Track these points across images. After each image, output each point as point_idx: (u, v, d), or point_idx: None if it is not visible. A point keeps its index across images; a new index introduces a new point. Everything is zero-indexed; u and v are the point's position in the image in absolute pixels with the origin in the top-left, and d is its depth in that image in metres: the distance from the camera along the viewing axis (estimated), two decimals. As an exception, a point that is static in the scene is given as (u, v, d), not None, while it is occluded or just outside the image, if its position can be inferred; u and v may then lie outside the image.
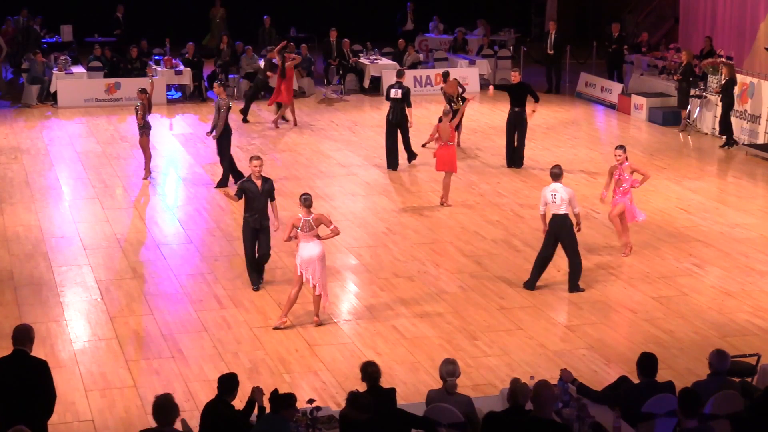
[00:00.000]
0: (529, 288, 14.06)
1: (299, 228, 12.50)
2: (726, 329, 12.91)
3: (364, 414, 8.27)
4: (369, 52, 29.00)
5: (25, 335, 8.85)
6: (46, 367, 8.82)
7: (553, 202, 13.77)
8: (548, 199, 13.80)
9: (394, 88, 20.26)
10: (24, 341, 8.82)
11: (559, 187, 13.75)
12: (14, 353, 8.82)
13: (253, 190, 13.77)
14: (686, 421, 8.07)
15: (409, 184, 19.20)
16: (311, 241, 12.56)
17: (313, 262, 12.56)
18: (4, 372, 8.73)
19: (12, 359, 8.80)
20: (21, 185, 18.91)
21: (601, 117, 25.71)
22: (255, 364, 11.88)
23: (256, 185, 13.78)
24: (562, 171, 13.99)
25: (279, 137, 22.90)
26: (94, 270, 14.77)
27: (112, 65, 26.97)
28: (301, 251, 12.60)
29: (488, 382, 11.44)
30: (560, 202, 13.71)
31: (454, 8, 34.31)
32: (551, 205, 13.81)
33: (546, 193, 13.84)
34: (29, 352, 8.81)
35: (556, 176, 13.84)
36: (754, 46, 24.92)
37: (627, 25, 30.83)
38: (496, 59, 29.42)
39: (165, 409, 8.06)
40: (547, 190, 13.84)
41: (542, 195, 13.92)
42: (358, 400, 8.34)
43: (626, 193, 14.98)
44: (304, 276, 12.61)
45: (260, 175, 13.80)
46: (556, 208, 13.78)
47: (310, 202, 12.53)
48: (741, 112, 22.33)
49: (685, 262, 15.22)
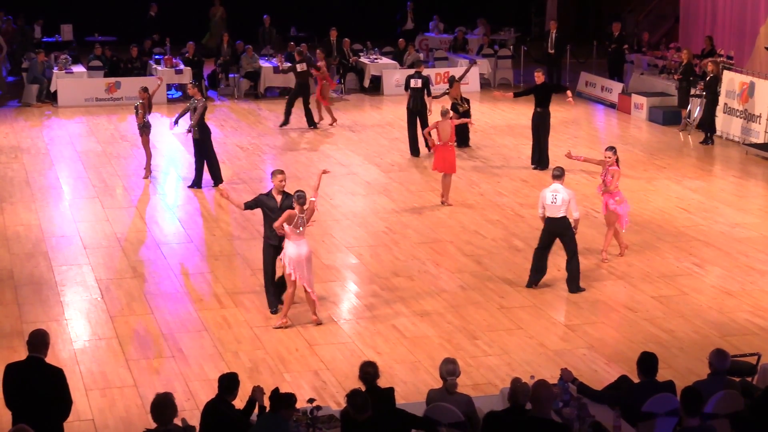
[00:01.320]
0: (530, 286, 14.09)
1: (292, 224, 12.40)
2: (726, 329, 12.91)
3: (363, 413, 8.27)
4: (369, 51, 29.02)
5: (41, 341, 8.78)
6: (62, 375, 8.77)
7: (553, 203, 13.71)
8: (548, 200, 13.75)
9: (414, 78, 21.15)
10: (39, 348, 8.74)
11: (560, 188, 13.72)
12: (29, 360, 8.75)
13: (270, 205, 12.87)
14: (688, 419, 8.07)
15: (409, 184, 19.20)
16: (300, 240, 12.45)
17: (301, 261, 12.46)
18: (21, 379, 8.67)
19: (28, 366, 8.73)
20: (21, 184, 18.91)
21: (601, 116, 25.71)
22: (255, 363, 11.88)
23: (275, 200, 12.87)
24: (564, 172, 13.96)
25: (279, 137, 22.89)
26: (94, 269, 14.77)
27: (112, 64, 26.98)
28: (289, 250, 12.45)
29: (488, 381, 11.44)
30: (561, 203, 13.65)
31: (454, 8, 34.30)
32: (550, 207, 13.74)
33: (546, 193, 13.79)
34: (44, 359, 8.76)
35: (558, 177, 13.82)
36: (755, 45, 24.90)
37: (627, 25, 30.82)
38: (497, 59, 29.42)
39: (161, 407, 8.06)
40: (548, 191, 13.80)
41: (541, 196, 13.86)
42: (356, 399, 8.34)
43: (615, 194, 14.77)
44: (293, 275, 12.54)
45: (282, 191, 12.92)
46: (555, 210, 13.72)
47: (304, 200, 12.42)
48: (741, 111, 22.34)
49: (685, 262, 15.22)
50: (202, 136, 18.54)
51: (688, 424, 8.06)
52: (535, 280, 14.12)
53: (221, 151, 21.49)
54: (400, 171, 20.10)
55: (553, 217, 13.77)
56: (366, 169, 20.21)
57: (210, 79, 27.65)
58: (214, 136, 19.42)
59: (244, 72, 27.20)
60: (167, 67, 26.44)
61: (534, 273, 14.13)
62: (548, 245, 14.03)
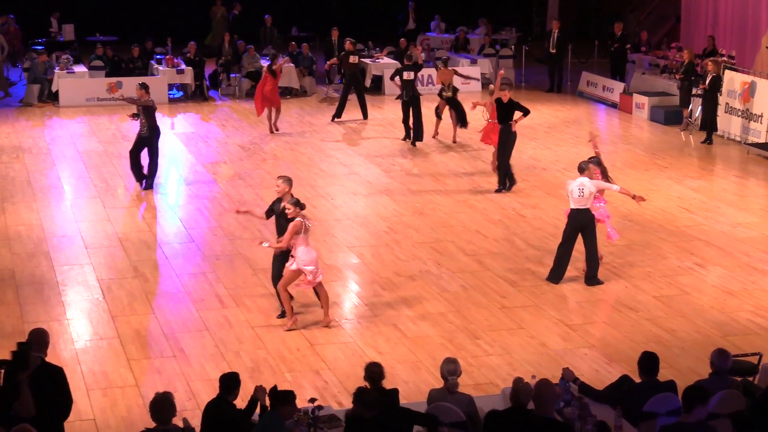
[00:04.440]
0: (554, 281, 14.19)
1: (302, 231, 12.36)
2: (728, 328, 12.91)
3: (371, 411, 8.28)
4: (370, 51, 29.01)
5: (41, 340, 8.79)
6: (62, 374, 8.77)
7: (580, 197, 13.79)
8: (575, 194, 13.81)
9: (406, 71, 21.94)
10: (40, 347, 8.74)
11: (586, 181, 13.80)
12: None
13: (276, 209, 12.95)
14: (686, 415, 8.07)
15: (410, 184, 19.20)
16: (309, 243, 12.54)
17: (317, 261, 12.59)
18: None
19: None
20: (23, 184, 18.92)
21: (602, 116, 25.71)
22: (256, 363, 11.88)
23: (279, 205, 12.90)
24: (588, 165, 14.02)
25: (281, 137, 22.88)
26: (95, 269, 14.77)
27: (113, 64, 26.98)
28: (310, 255, 12.45)
29: (490, 381, 11.44)
30: (588, 195, 13.75)
31: (455, 7, 34.32)
32: (578, 200, 13.82)
33: (573, 187, 13.86)
34: (44, 357, 8.77)
35: (583, 170, 13.90)
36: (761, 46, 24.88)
37: (628, 24, 30.82)
38: (498, 58, 29.42)
39: (159, 407, 8.06)
40: (574, 185, 13.86)
41: (568, 189, 13.93)
42: (364, 396, 8.36)
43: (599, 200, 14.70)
44: (318, 275, 12.52)
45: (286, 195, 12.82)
46: (583, 203, 13.81)
47: (302, 205, 12.45)
48: (742, 110, 22.34)
49: (686, 261, 15.22)
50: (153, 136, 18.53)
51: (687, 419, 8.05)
52: (559, 275, 14.21)
53: (222, 150, 21.53)
54: (401, 171, 20.10)
55: (579, 208, 13.87)
56: (367, 169, 20.21)
57: (211, 79, 27.66)
58: (216, 136, 19.42)
59: (245, 72, 27.22)
60: (168, 66, 26.44)
61: (558, 269, 14.23)
62: (572, 239, 14.07)
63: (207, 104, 26.23)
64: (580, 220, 13.97)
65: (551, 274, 14.31)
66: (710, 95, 22.26)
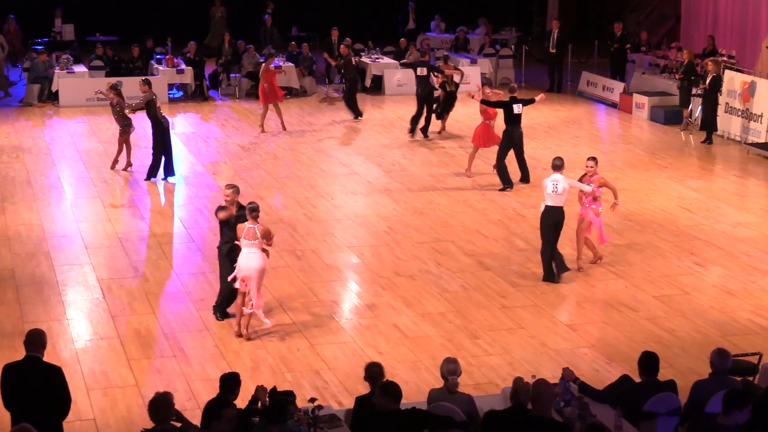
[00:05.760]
0: (552, 281, 14.22)
1: (242, 236, 12.26)
2: (727, 328, 12.91)
3: (395, 404, 8.30)
4: (371, 51, 29.01)
5: (38, 341, 8.80)
6: (60, 374, 8.77)
7: (554, 192, 13.83)
8: (548, 189, 13.91)
9: (420, 66, 22.47)
10: (37, 347, 8.76)
11: (560, 178, 13.89)
12: (27, 359, 8.75)
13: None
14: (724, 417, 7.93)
15: (410, 183, 19.19)
16: (253, 251, 12.25)
17: (250, 273, 12.29)
18: (18, 379, 8.67)
19: (25, 365, 8.73)
20: (23, 184, 18.91)
21: (602, 116, 25.71)
22: (257, 363, 11.88)
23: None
24: (563, 163, 14.15)
25: (280, 137, 22.88)
26: (95, 269, 14.77)
27: (113, 64, 26.97)
28: (240, 259, 12.32)
29: (490, 380, 11.44)
30: (561, 192, 13.81)
31: (455, 7, 34.30)
32: (551, 196, 13.90)
33: (546, 183, 13.98)
34: (42, 358, 8.77)
35: (558, 168, 13.99)
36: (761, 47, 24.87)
37: (628, 24, 30.83)
38: (498, 58, 29.41)
39: (157, 406, 8.06)
40: (548, 181, 13.98)
41: (543, 186, 14.08)
42: (391, 389, 8.37)
43: (594, 201, 14.67)
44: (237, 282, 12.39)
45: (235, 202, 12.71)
46: (556, 200, 13.88)
47: (257, 214, 12.23)
48: (742, 110, 22.34)
49: (686, 261, 15.22)
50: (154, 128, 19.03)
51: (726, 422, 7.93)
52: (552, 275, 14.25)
53: (222, 150, 21.52)
54: (401, 171, 20.10)
55: (553, 206, 13.94)
56: (367, 169, 20.20)
57: (211, 79, 27.65)
58: (216, 136, 19.43)
59: (245, 72, 27.21)
60: (168, 66, 26.44)
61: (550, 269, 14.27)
62: (552, 237, 14.10)
63: (207, 104, 26.23)
64: (555, 217, 14.03)
65: (545, 276, 14.30)
66: (710, 95, 22.29)
